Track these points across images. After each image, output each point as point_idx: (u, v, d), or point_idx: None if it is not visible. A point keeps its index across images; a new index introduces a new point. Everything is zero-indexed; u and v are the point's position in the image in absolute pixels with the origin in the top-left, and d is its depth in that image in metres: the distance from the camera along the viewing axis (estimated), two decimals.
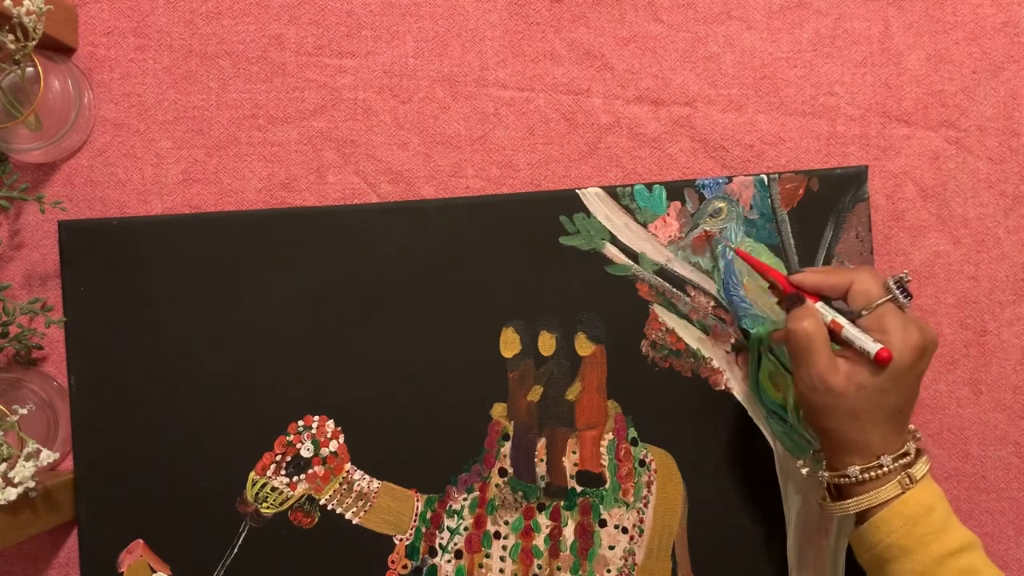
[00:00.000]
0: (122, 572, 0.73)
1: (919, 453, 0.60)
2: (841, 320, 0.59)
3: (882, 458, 0.59)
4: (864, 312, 0.59)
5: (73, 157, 0.75)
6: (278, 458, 0.73)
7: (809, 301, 0.61)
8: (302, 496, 0.73)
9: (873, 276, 0.60)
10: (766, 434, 0.71)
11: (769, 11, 0.73)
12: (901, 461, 0.59)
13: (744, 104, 0.73)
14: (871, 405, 0.58)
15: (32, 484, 0.65)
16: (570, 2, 0.73)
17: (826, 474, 0.62)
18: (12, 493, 0.63)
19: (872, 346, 0.57)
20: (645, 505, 0.71)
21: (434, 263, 0.72)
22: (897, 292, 0.59)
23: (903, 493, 0.58)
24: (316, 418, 0.73)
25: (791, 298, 0.62)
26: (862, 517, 0.60)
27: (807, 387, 0.59)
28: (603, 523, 0.72)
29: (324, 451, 0.73)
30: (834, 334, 0.60)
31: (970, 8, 0.72)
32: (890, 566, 0.58)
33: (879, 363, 0.57)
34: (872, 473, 0.59)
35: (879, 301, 0.59)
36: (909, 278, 0.60)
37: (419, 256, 0.72)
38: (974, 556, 0.58)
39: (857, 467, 0.59)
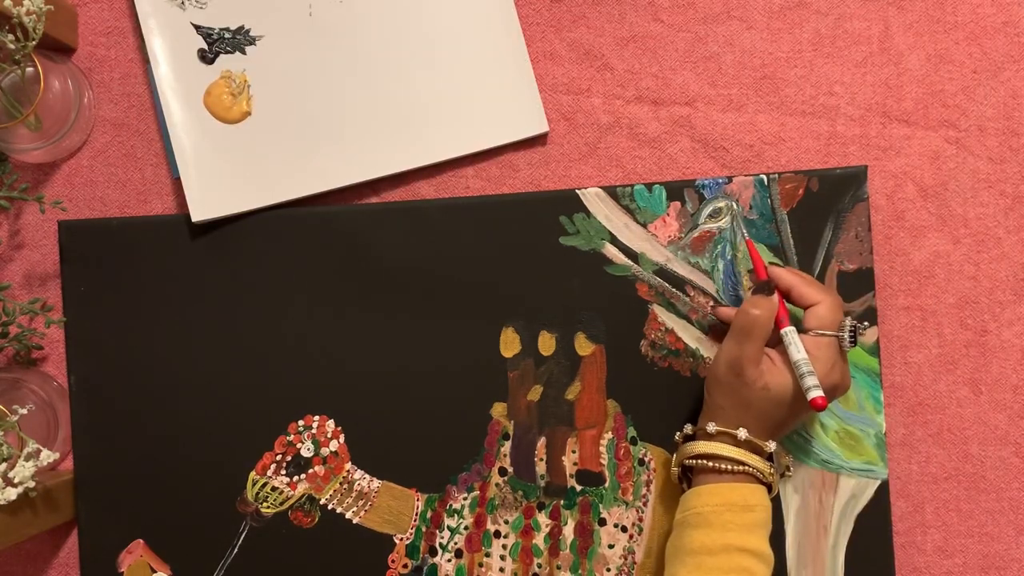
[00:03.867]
0: (122, 572, 0.73)
1: (779, 465, 0.64)
2: (800, 351, 0.62)
3: (740, 430, 0.62)
4: (811, 333, 0.63)
5: (73, 157, 0.75)
6: (278, 458, 0.73)
7: (775, 297, 0.64)
8: (302, 496, 0.73)
9: (836, 309, 0.63)
10: None
11: (769, 11, 0.73)
12: (756, 444, 0.62)
13: (744, 104, 0.73)
14: (764, 406, 0.62)
15: (32, 484, 0.65)
16: (570, 2, 0.73)
17: (690, 426, 0.67)
18: (12, 493, 0.63)
19: (813, 392, 0.60)
20: (644, 504, 0.72)
21: (434, 263, 0.72)
22: (847, 335, 0.63)
23: (737, 481, 0.62)
24: (316, 418, 0.73)
25: (761, 285, 0.64)
26: (696, 483, 0.64)
27: (725, 362, 0.63)
28: (603, 522, 0.72)
29: (324, 451, 0.73)
30: (780, 343, 0.63)
31: (970, 8, 0.72)
32: (688, 532, 0.62)
33: (812, 407, 0.60)
34: (726, 435, 0.63)
35: (828, 332, 0.63)
36: (864, 332, 0.65)
37: (419, 256, 0.72)
38: (759, 566, 0.61)
39: (717, 426, 0.63)
